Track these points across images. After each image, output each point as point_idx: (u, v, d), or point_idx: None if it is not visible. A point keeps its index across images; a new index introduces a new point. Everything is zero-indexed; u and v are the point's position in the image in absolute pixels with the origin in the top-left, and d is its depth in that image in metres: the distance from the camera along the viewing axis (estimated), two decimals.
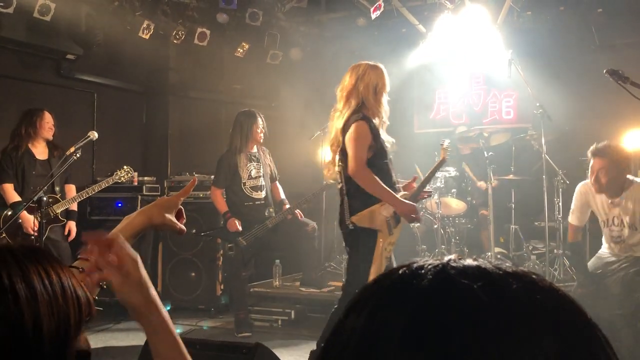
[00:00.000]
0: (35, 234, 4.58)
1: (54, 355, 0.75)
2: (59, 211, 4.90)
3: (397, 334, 0.45)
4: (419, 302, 0.46)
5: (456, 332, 0.44)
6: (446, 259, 0.50)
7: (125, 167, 5.14)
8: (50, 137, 4.99)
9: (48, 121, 4.97)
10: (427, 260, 0.50)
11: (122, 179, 5.14)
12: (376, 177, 3.37)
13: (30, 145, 4.91)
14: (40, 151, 4.95)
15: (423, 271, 0.49)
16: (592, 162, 3.74)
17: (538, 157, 5.30)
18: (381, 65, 3.53)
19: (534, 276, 0.49)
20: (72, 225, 5.05)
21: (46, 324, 0.74)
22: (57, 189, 4.95)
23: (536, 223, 5.89)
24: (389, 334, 0.45)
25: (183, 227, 1.35)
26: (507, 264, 0.50)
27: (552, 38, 6.14)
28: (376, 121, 3.47)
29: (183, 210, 1.37)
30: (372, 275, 3.39)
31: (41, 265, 0.78)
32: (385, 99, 3.48)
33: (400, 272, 0.50)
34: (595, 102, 5.77)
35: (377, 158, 3.44)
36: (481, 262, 0.50)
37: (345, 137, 3.40)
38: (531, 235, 6.04)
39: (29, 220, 4.68)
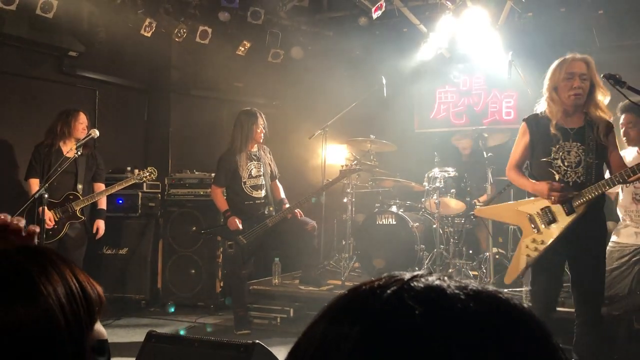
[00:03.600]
0: (50, 224, 4.83)
1: (73, 353, 0.76)
2: (77, 208, 5.03)
3: (346, 352, 0.46)
4: (368, 323, 0.47)
5: (394, 358, 0.44)
6: (408, 276, 0.50)
7: (149, 168, 5.29)
8: (82, 137, 5.05)
9: (82, 122, 5.14)
10: (397, 276, 0.50)
11: (145, 179, 5.30)
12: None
13: (61, 143, 5.08)
14: (69, 149, 5.03)
15: (380, 291, 0.49)
16: (622, 117, 4.02)
17: None
18: (560, 60, 3.39)
19: (501, 297, 0.48)
20: (99, 224, 5.27)
21: (58, 325, 0.74)
22: (79, 186, 5.11)
23: None
24: (339, 351, 0.46)
25: None
26: (473, 284, 0.49)
27: (553, 39, 6.15)
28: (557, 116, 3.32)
29: None
30: (510, 273, 3.37)
31: (46, 266, 0.79)
32: (558, 92, 3.32)
33: (363, 288, 0.51)
34: None
35: (536, 156, 3.37)
36: (442, 283, 0.48)
37: None
38: None
39: (47, 215, 4.78)
